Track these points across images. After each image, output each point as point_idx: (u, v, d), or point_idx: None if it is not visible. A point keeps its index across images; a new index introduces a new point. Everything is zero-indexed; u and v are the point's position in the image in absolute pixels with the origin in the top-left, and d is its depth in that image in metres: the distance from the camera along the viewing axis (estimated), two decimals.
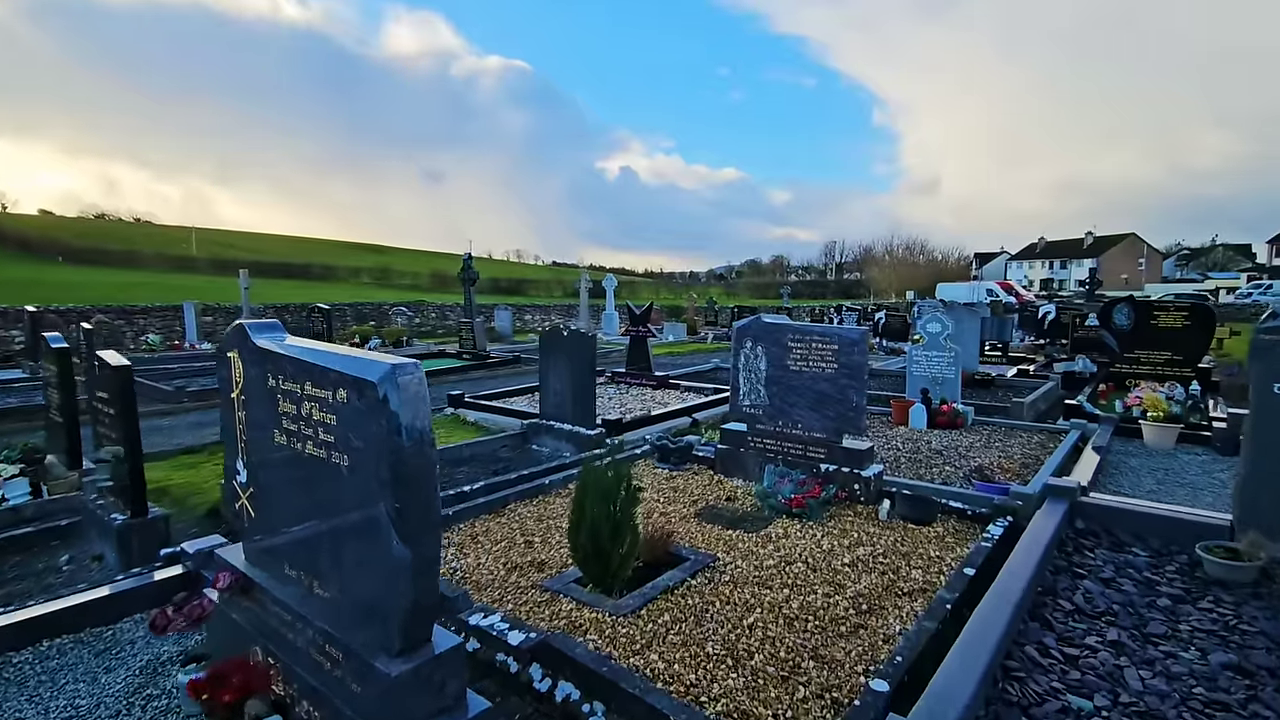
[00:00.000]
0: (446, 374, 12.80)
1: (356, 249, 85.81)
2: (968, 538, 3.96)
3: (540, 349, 6.91)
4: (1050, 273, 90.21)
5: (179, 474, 6.00)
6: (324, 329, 12.15)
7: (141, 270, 48.94)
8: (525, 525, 4.27)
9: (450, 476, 5.70)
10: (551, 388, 6.74)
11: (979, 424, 7.38)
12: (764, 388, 5.01)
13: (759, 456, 5.06)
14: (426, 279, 59.02)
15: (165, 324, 18.76)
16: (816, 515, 4.24)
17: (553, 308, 29.22)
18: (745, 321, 5.10)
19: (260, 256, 60.72)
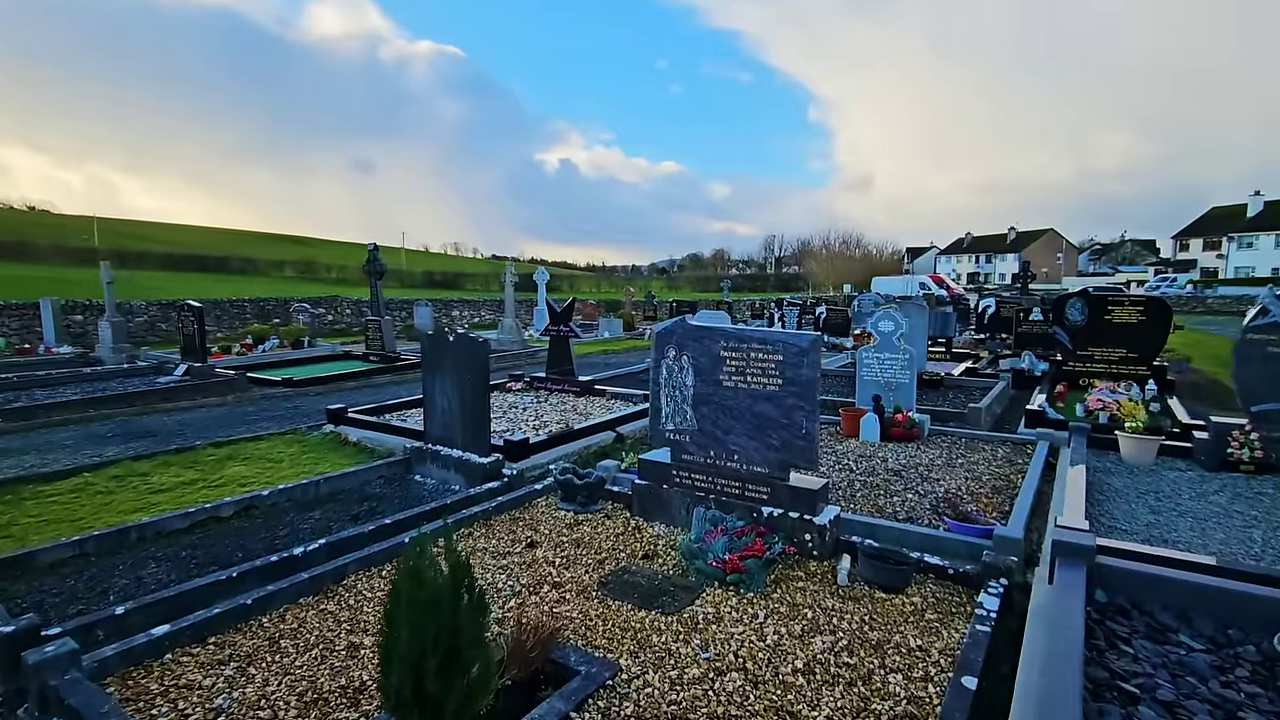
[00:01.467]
0: (345, 379, 11.26)
1: (280, 241, 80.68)
2: (954, 613, 2.99)
3: (423, 358, 5.65)
4: (977, 266, 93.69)
5: None
6: (195, 329, 10.43)
7: (36, 264, 44.22)
8: (360, 613, 3.05)
9: (293, 528, 4.40)
10: (437, 405, 5.49)
11: (936, 434, 6.57)
12: (691, 408, 3.93)
13: (686, 495, 3.99)
14: (355, 272, 55.90)
15: (24, 323, 16.31)
16: (758, 583, 3.19)
17: (483, 303, 27.56)
18: (667, 324, 4.00)
19: (174, 248, 56.18)
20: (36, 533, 4.43)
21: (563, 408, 8.22)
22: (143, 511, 4.87)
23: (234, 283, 42.40)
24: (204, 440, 7.08)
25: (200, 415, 8.57)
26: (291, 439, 7.14)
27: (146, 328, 18.16)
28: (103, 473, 5.81)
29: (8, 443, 7.07)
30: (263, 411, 8.87)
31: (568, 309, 9.23)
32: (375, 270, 13.42)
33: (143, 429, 7.70)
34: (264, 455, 6.46)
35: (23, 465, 6.14)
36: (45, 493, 5.29)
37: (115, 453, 6.59)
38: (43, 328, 15.11)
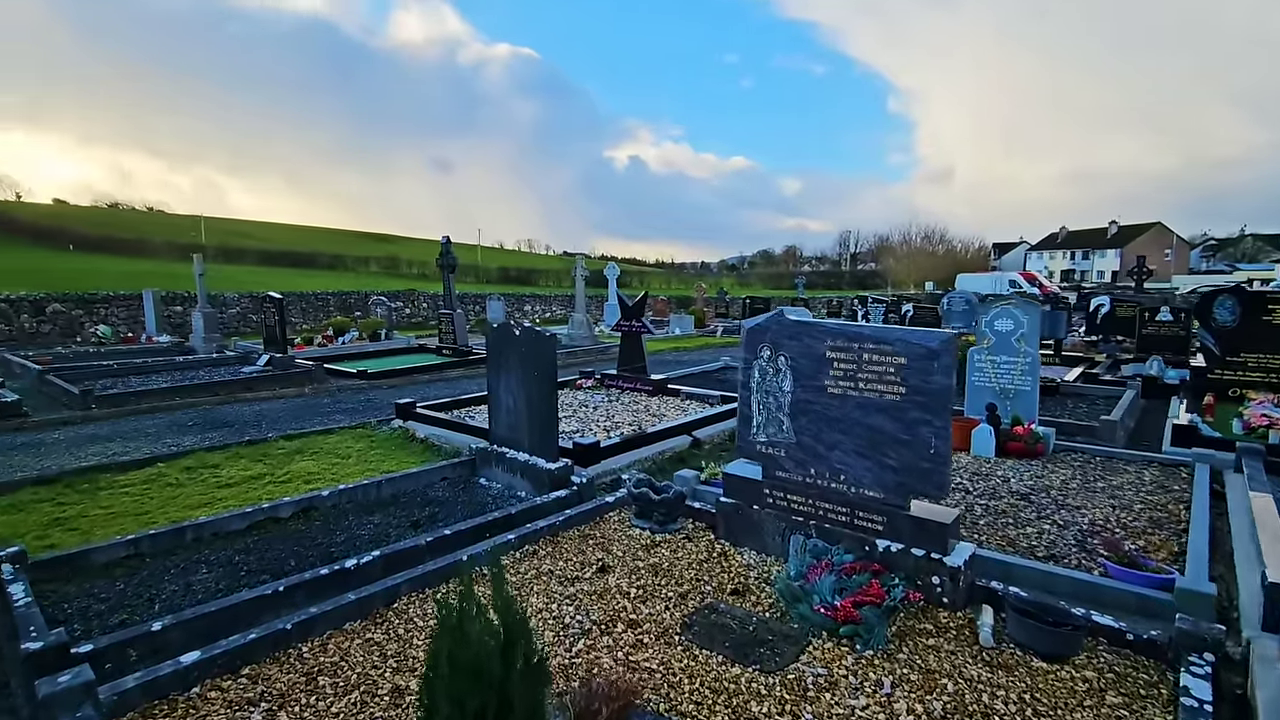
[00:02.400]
0: (418, 372, 11.23)
1: (365, 238, 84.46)
2: (1144, 696, 2.31)
3: (488, 353, 5.29)
4: (1072, 263, 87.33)
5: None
6: (276, 320, 10.64)
7: (151, 259, 47.95)
8: (409, 646, 2.67)
9: (351, 533, 4.12)
10: (502, 403, 5.12)
11: (1062, 450, 5.70)
12: (788, 418, 3.36)
13: (781, 519, 3.42)
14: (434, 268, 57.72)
15: (131, 313, 17.36)
16: (878, 639, 2.60)
17: (554, 298, 27.61)
18: (761, 319, 3.45)
19: (269, 245, 59.82)
20: (102, 526, 4.33)
21: (635, 408, 7.77)
22: (208, 507, 4.74)
23: (321, 277, 44.55)
24: (276, 432, 7.04)
25: (277, 406, 8.64)
26: (360, 434, 7.00)
27: (239, 319, 19.02)
28: (176, 463, 5.79)
29: (98, 429, 7.26)
30: (337, 404, 8.86)
31: (640, 304, 8.78)
32: (448, 263, 13.41)
33: (221, 419, 7.78)
34: (332, 450, 6.31)
35: (106, 453, 6.22)
36: (120, 483, 5.27)
37: (192, 443, 6.62)
38: (145, 318, 16.01)
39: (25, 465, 5.87)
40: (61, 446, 6.51)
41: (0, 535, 4.15)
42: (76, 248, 49.66)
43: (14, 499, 4.88)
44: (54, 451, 6.33)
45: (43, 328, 16.01)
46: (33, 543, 4.06)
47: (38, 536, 4.16)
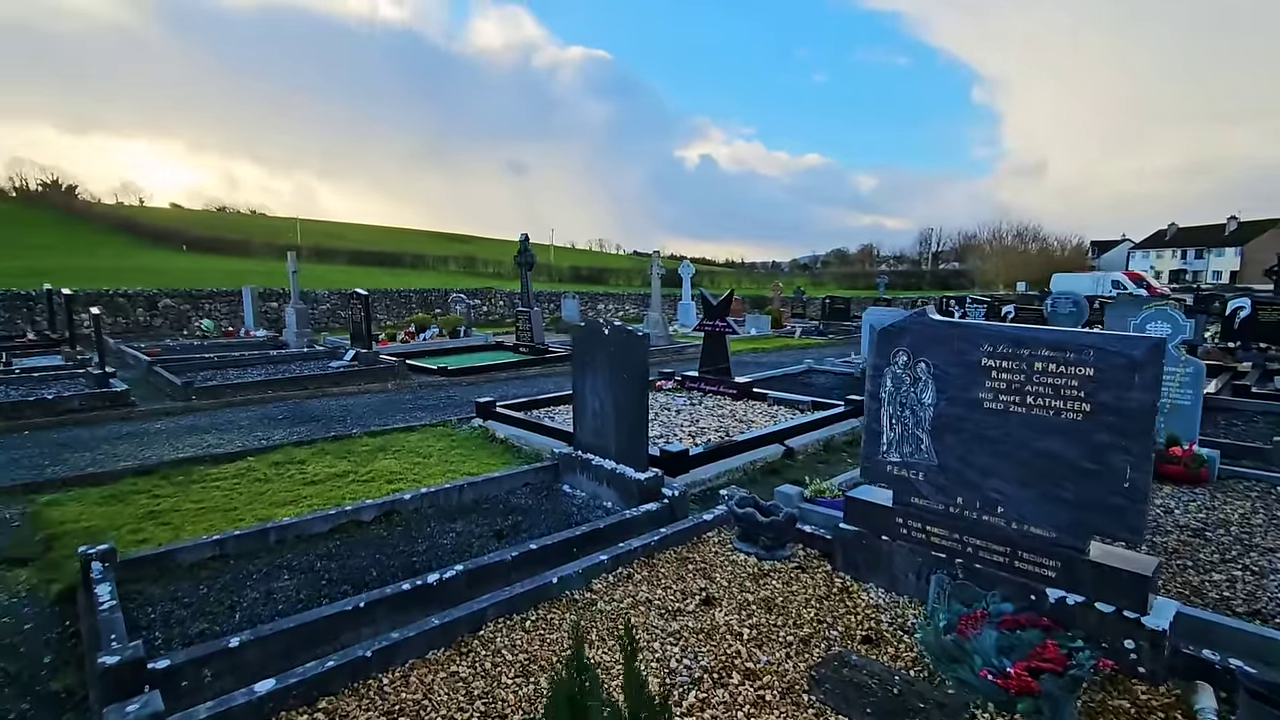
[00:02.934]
0: (495, 370, 11.19)
1: (445, 238, 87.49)
2: None
3: (573, 352, 4.99)
4: (1183, 263, 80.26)
5: (96, 509, 4.52)
6: (362, 316, 10.84)
7: (252, 258, 51.28)
8: (498, 685, 2.36)
9: (433, 542, 3.90)
10: (589, 406, 4.81)
11: (1229, 476, 4.88)
12: (929, 436, 2.87)
13: (918, 554, 2.93)
14: (509, 267, 59.44)
15: (231, 308, 18.34)
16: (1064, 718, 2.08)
17: (627, 296, 27.45)
18: (896, 319, 2.96)
19: (358, 245, 62.90)
20: (192, 522, 4.30)
21: (720, 412, 7.33)
22: (293, 505, 4.66)
23: (404, 275, 46.30)
24: (360, 428, 7.03)
25: (362, 401, 8.71)
26: (441, 432, 6.89)
27: (329, 315, 19.79)
28: (265, 458, 5.80)
29: (196, 419, 7.48)
30: (418, 400, 8.87)
31: (725, 303, 8.33)
32: (525, 261, 13.36)
33: (309, 413, 7.88)
34: (414, 449, 6.21)
35: (201, 445, 6.35)
36: (211, 476, 5.30)
37: (281, 437, 6.68)
38: (244, 313, 16.85)
39: (129, 454, 6.04)
40: (163, 437, 6.70)
41: (98, 527, 4.18)
42: (189, 248, 53.73)
43: (115, 489, 4.97)
44: (155, 441, 6.52)
45: (155, 321, 17.12)
46: (126, 536, 4.06)
47: (132, 530, 4.16)
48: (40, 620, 3.13)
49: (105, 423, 7.27)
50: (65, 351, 10.94)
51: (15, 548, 3.94)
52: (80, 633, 2.95)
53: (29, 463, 5.75)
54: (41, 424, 7.04)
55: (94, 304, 15.83)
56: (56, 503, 4.66)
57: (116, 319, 16.47)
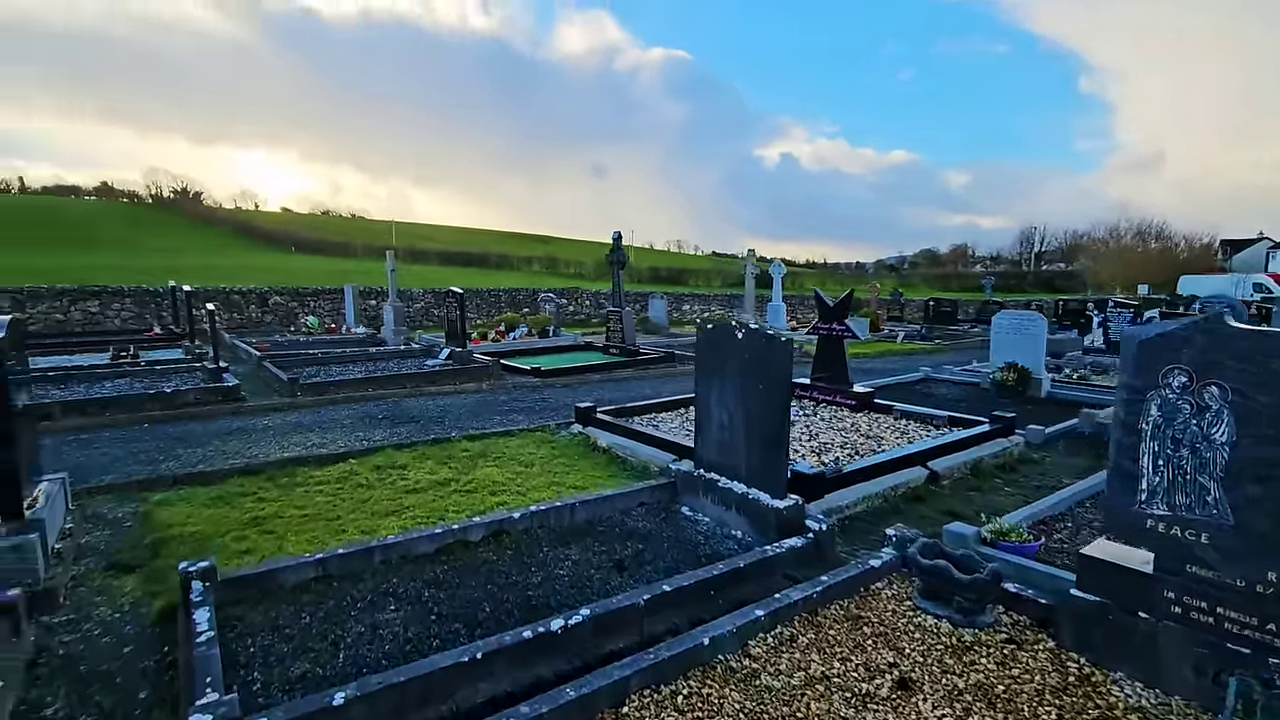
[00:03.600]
0: (588, 372, 10.84)
1: (527, 239, 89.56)
2: None
3: (698, 355, 4.43)
4: None
5: (204, 511, 4.38)
6: (458, 315, 10.77)
7: (352, 259, 54.22)
8: None
9: (548, 572, 3.45)
10: (714, 418, 4.25)
11: None
12: (1218, 486, 2.13)
13: (1198, 641, 2.19)
14: (590, 267, 60.28)
15: (333, 306, 19.04)
16: None
17: (713, 297, 26.75)
18: (1173, 326, 2.22)
19: (447, 246, 65.37)
20: (295, 531, 4.07)
21: (840, 426, 6.60)
22: (396, 516, 4.37)
23: (491, 275, 47.49)
24: (459, 431, 6.78)
25: (458, 401, 8.53)
26: (540, 438, 6.53)
27: (423, 313, 20.24)
28: (367, 461, 5.60)
29: (301, 416, 7.48)
30: (514, 401, 8.61)
31: (844, 304, 7.57)
32: (618, 260, 12.99)
33: (408, 413, 7.74)
34: (514, 455, 5.86)
35: (305, 444, 6.25)
36: (315, 479, 5.12)
37: (381, 438, 6.52)
38: (345, 310, 17.42)
39: (237, 452, 6.00)
40: (269, 433, 6.68)
41: (203, 533, 4.00)
42: (297, 249, 57.40)
43: (222, 490, 4.85)
44: (262, 438, 6.49)
45: (265, 317, 17.98)
46: (230, 544, 3.86)
47: (236, 537, 3.96)
48: (140, 643, 2.89)
49: (217, 417, 7.37)
50: (185, 346, 11.48)
51: (125, 552, 3.81)
52: (177, 663, 2.66)
53: (145, 457, 5.79)
54: (160, 417, 7.20)
55: (211, 300, 16.74)
56: (167, 502, 4.57)
57: (232, 315, 17.39)
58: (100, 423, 6.91)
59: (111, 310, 16.26)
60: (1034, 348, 9.04)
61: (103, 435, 6.52)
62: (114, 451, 5.94)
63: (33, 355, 11.24)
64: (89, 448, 6.08)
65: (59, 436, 6.41)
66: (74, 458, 5.72)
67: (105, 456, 5.78)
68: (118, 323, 16.21)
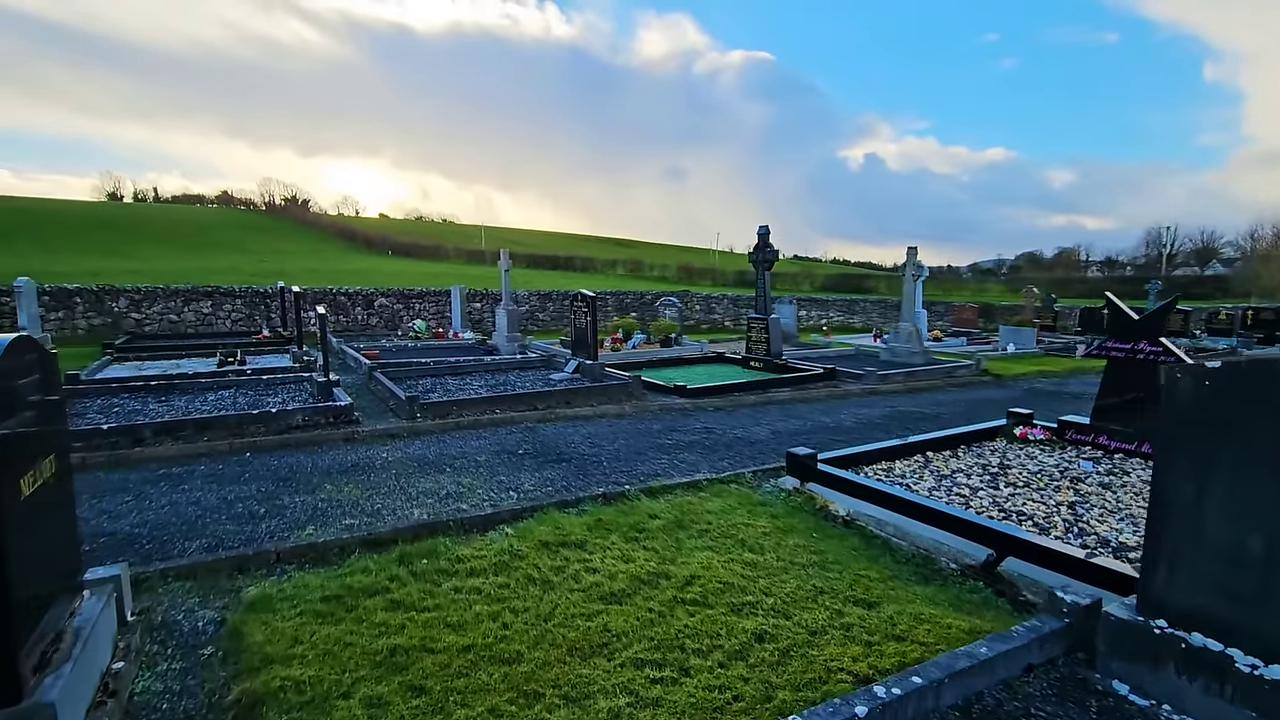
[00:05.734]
0: (739, 391, 9.02)
1: (610, 243, 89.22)
2: None
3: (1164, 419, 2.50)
4: None
5: (315, 628, 2.87)
6: (587, 321, 9.26)
7: (445, 262, 55.13)
8: None
9: None
10: (1207, 533, 2.33)
11: None
12: None
13: None
14: (674, 271, 58.79)
15: (437, 308, 18.17)
16: None
17: (832, 302, 24.34)
18: None
19: (531, 250, 65.61)
20: (459, 693, 2.46)
21: None
22: (604, 655, 2.70)
23: (575, 278, 46.71)
24: (626, 478, 5.15)
25: (603, 429, 6.93)
26: (742, 495, 4.77)
27: (527, 316, 19.08)
28: (528, 531, 4.00)
29: (424, 447, 6.05)
30: (670, 430, 6.91)
31: (1161, 314, 5.37)
32: (764, 259, 11.12)
33: (550, 446, 6.18)
34: (724, 528, 4.12)
35: (438, 493, 4.76)
36: (465, 563, 3.55)
37: (531, 486, 4.96)
38: (451, 313, 16.41)
39: (355, 503, 4.58)
40: (391, 473, 5.26)
41: (317, 683, 2.46)
42: (394, 252, 58.99)
43: (341, 579, 3.36)
44: (383, 481, 5.06)
45: (371, 320, 17.27)
46: (359, 712, 2.29)
47: (366, 700, 2.39)
48: None
49: (329, 445, 6.07)
50: (293, 351, 10.56)
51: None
52: None
53: (243, 508, 4.45)
54: (264, 444, 5.97)
55: (319, 302, 16.12)
56: (267, 603, 3.10)
57: (338, 317, 16.76)
58: (196, 451, 5.72)
59: (223, 311, 15.92)
60: None
61: (198, 469, 5.29)
62: (207, 498, 4.64)
63: (143, 360, 10.62)
64: (177, 489, 4.81)
65: (147, 469, 5.22)
66: (157, 507, 4.44)
67: (194, 507, 4.47)
68: (229, 324, 15.84)
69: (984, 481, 4.81)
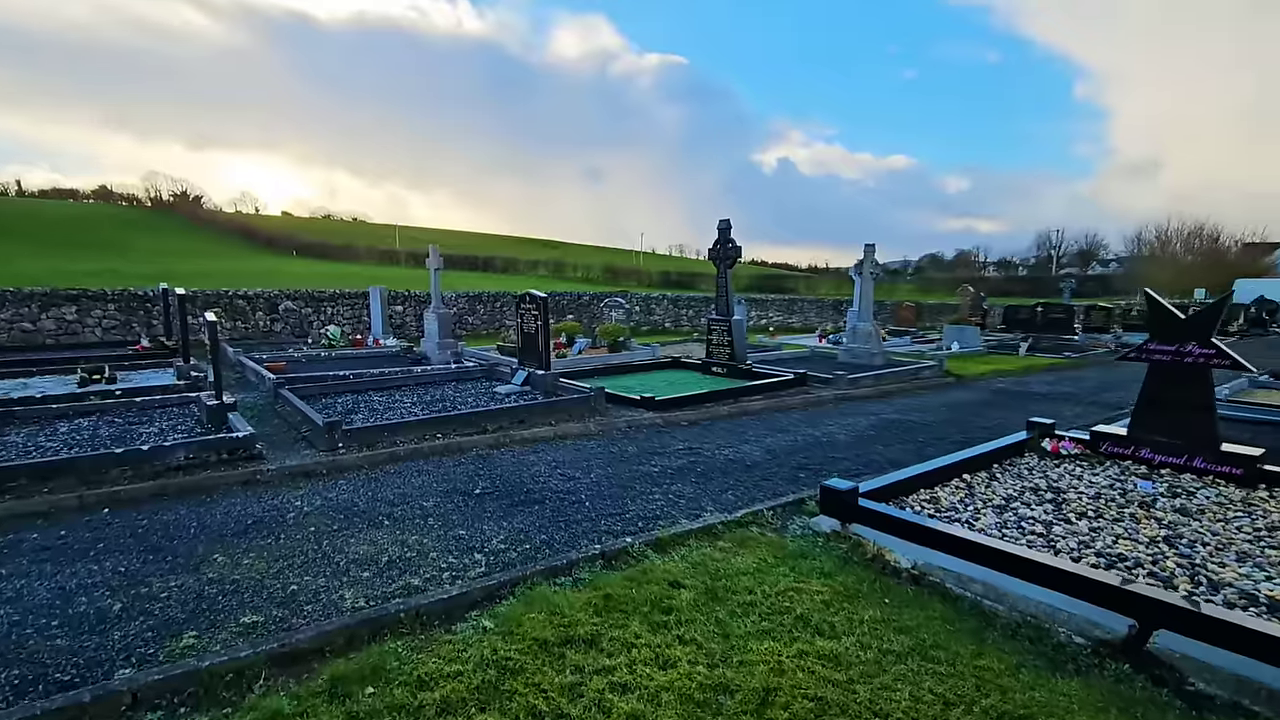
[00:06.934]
0: (710, 402, 8.09)
1: (532, 244, 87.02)
2: None
3: None
4: None
5: None
6: (537, 326, 8.07)
7: (357, 263, 51.69)
8: None
9: None
10: None
11: None
12: None
13: None
14: (599, 272, 57.72)
15: (354, 312, 16.33)
16: None
17: (772, 302, 23.98)
18: None
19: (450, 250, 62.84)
20: None
21: (1252, 526, 3.88)
22: None
23: (498, 279, 44.92)
24: (618, 521, 4.12)
25: (572, 456, 5.82)
26: (774, 545, 3.82)
27: (455, 320, 17.50)
28: (513, 624, 2.87)
29: (352, 490, 4.75)
30: (650, 454, 5.89)
31: (1213, 313, 4.82)
32: (726, 254, 10.29)
33: (514, 481, 5.02)
34: (771, 597, 3.14)
35: (375, 561, 3.53)
36: (429, 685, 2.40)
37: (502, 542, 3.81)
38: (370, 318, 14.69)
39: (257, 585, 3.30)
40: (308, 532, 3.97)
41: None
42: (298, 253, 54.91)
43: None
44: (298, 544, 3.77)
45: (275, 326, 15.26)
46: None
47: None
48: None
49: (221, 492, 4.67)
50: (178, 366, 8.77)
51: None
52: None
53: (88, 605, 3.08)
54: (131, 495, 4.50)
55: (212, 306, 14.00)
56: None
57: (235, 323, 14.68)
58: (30, 510, 4.20)
59: (92, 318, 13.52)
60: None
61: (25, 542, 3.80)
62: (32, 591, 3.22)
63: None
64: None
65: None
66: None
67: (8, 608, 3.05)
68: (99, 333, 13.48)
69: (1047, 512, 4.07)
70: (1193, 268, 50.53)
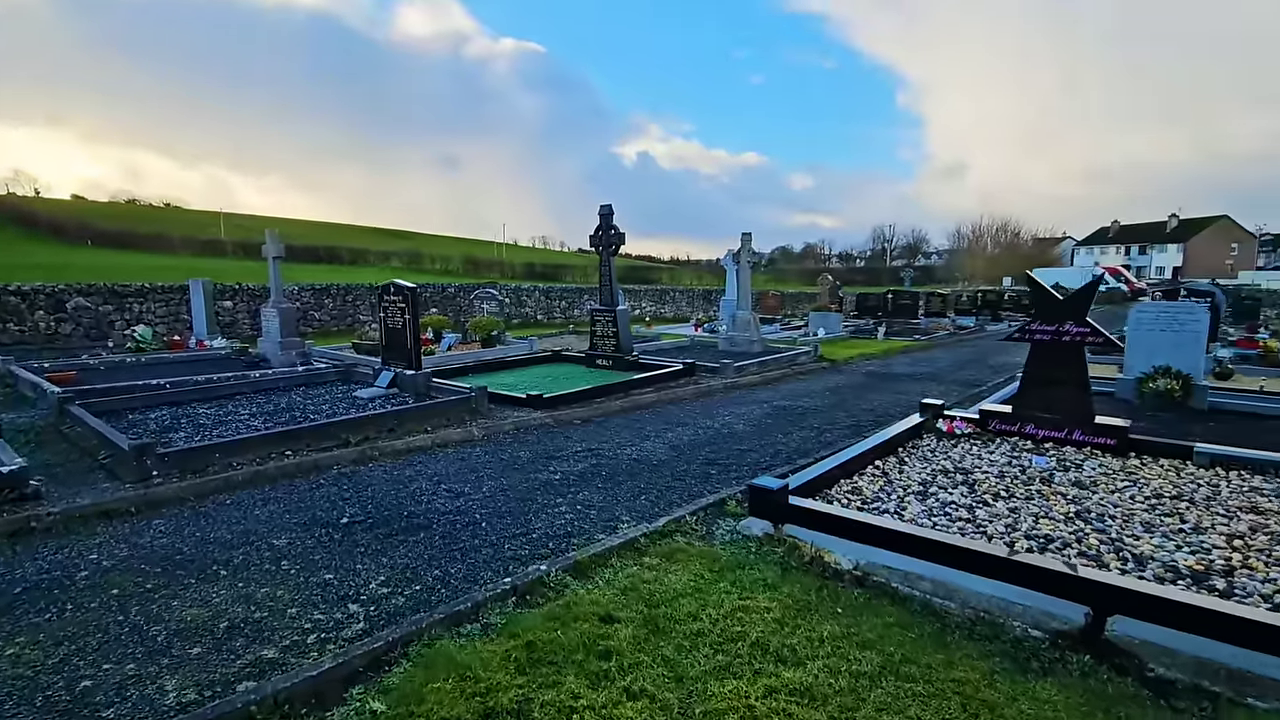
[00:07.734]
0: (601, 397, 7.62)
1: (381, 234, 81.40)
2: None
3: None
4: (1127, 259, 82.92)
5: None
6: (405, 320, 7.12)
7: (171, 255, 45.21)
8: None
9: None
10: None
11: None
12: None
13: None
14: (459, 264, 55.21)
15: (170, 309, 13.95)
16: None
17: (644, 292, 23.94)
18: None
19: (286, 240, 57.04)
20: None
21: (1162, 494, 4.12)
22: None
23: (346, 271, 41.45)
24: (523, 543, 3.53)
25: (457, 466, 5.08)
26: (702, 553, 3.42)
27: (299, 316, 15.55)
28: (412, 703, 2.22)
29: (171, 534, 3.72)
30: (547, 459, 5.30)
31: (1085, 295, 5.10)
32: (608, 240, 9.82)
33: (390, 504, 4.22)
34: (719, 622, 2.74)
35: (214, 631, 2.68)
36: None
37: (382, 585, 3.08)
38: (191, 316, 12.58)
39: (30, 678, 2.36)
40: (109, 592, 2.98)
41: None
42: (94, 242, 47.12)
43: None
44: (91, 611, 2.80)
45: (63, 328, 12.60)
46: None
47: None
48: None
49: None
50: None
51: None
52: None
53: None
54: None
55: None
56: None
57: (7, 325, 11.92)
58: None
59: None
60: (1192, 347, 7.25)
61: None
62: None
63: None
64: None
65: None
66: None
67: None
68: None
69: (964, 495, 4.04)
70: (999, 259, 57.87)
